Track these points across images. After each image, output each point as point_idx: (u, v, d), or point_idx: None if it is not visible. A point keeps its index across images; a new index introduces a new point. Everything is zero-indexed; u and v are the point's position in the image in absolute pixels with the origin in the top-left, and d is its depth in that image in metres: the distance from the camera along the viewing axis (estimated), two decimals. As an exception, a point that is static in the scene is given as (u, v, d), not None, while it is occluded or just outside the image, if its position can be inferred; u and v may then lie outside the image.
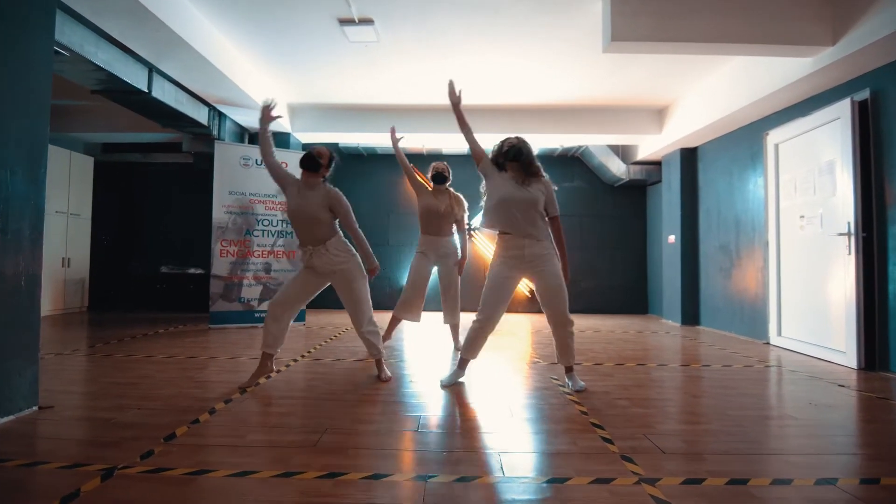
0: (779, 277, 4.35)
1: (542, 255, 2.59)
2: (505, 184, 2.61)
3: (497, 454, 1.78)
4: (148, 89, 4.00)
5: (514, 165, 2.64)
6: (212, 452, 1.78)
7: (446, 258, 3.74)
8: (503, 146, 2.70)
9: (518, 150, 2.64)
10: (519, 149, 2.64)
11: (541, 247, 2.60)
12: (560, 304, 2.60)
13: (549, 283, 2.59)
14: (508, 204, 2.57)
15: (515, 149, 2.64)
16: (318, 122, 5.92)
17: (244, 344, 4.05)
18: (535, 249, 2.58)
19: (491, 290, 2.62)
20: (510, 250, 2.60)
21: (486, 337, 2.69)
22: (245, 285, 5.07)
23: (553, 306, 2.60)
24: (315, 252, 2.63)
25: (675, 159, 5.98)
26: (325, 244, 2.63)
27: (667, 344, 4.43)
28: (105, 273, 6.90)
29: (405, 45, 4.24)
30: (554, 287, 2.59)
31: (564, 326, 2.63)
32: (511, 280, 2.64)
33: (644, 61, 4.46)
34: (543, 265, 2.59)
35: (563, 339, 2.67)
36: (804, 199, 4.03)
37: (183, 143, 5.40)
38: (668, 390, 2.82)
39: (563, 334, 2.65)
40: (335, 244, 2.67)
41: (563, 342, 2.68)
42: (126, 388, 2.64)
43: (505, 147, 2.68)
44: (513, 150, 2.64)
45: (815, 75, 3.58)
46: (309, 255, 2.64)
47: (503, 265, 2.62)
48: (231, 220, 5.03)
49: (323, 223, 2.63)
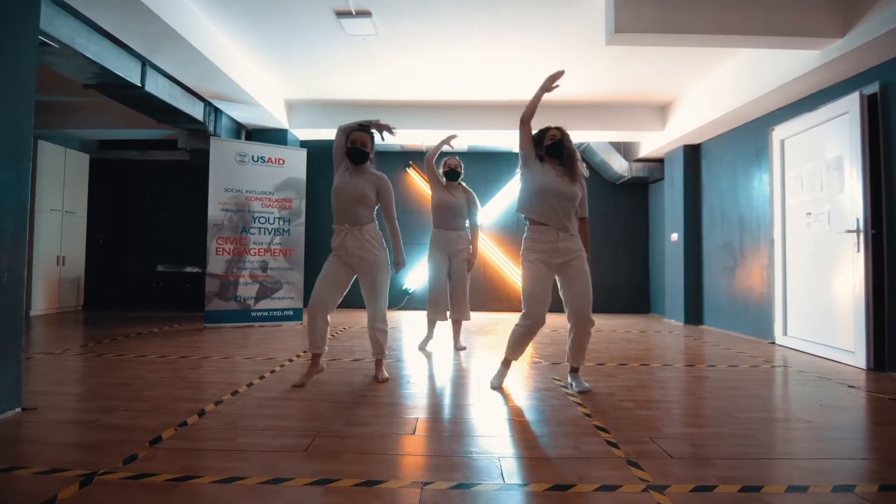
0: (784, 276, 4.26)
1: (575, 250, 2.54)
2: (546, 173, 2.56)
3: (496, 459, 1.70)
4: (141, 83, 3.92)
5: (553, 161, 2.60)
6: (198, 457, 1.70)
7: (458, 254, 3.75)
8: (544, 138, 2.64)
9: (560, 147, 2.59)
10: (561, 145, 2.59)
11: (574, 242, 2.55)
12: (586, 303, 2.50)
13: (578, 279, 2.51)
14: (547, 193, 2.50)
15: (557, 145, 2.59)
16: (316, 119, 5.84)
17: (238, 344, 3.97)
18: (568, 244, 2.52)
19: (533, 287, 2.50)
20: (544, 243, 2.51)
21: (533, 337, 2.58)
22: (241, 284, 5.00)
23: (579, 304, 2.49)
24: (350, 233, 2.64)
25: (678, 156, 5.89)
26: (361, 227, 2.66)
27: (670, 344, 4.35)
28: (101, 272, 6.82)
29: (404, 40, 4.16)
30: (583, 284, 2.51)
31: (586, 326, 2.51)
32: (550, 275, 2.53)
33: (646, 56, 4.37)
34: (575, 260, 2.52)
35: (580, 339, 2.55)
36: (811, 195, 3.94)
37: (178, 140, 5.31)
38: (674, 391, 2.74)
39: (582, 334, 2.53)
40: (371, 230, 2.70)
41: (580, 342, 2.56)
42: (114, 389, 2.57)
43: (547, 141, 2.63)
44: (555, 146, 2.60)
45: (822, 69, 3.50)
46: (343, 236, 2.65)
47: (539, 261, 2.51)
48: (227, 218, 4.95)
49: (366, 204, 2.68)
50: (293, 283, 5.23)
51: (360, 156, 2.70)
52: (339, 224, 2.69)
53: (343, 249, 2.67)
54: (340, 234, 2.68)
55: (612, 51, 4.29)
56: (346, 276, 2.72)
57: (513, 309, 6.96)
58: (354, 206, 2.66)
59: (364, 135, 2.74)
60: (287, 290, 5.20)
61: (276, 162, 5.19)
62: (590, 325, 2.52)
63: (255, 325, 5.01)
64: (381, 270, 2.71)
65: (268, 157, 5.14)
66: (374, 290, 2.72)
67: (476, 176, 7.06)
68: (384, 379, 2.78)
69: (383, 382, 2.75)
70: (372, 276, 2.70)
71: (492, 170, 7.10)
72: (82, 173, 6.52)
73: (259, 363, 3.23)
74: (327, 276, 2.68)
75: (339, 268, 2.69)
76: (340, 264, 2.69)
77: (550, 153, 2.61)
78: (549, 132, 2.66)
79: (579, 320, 2.51)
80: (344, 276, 2.71)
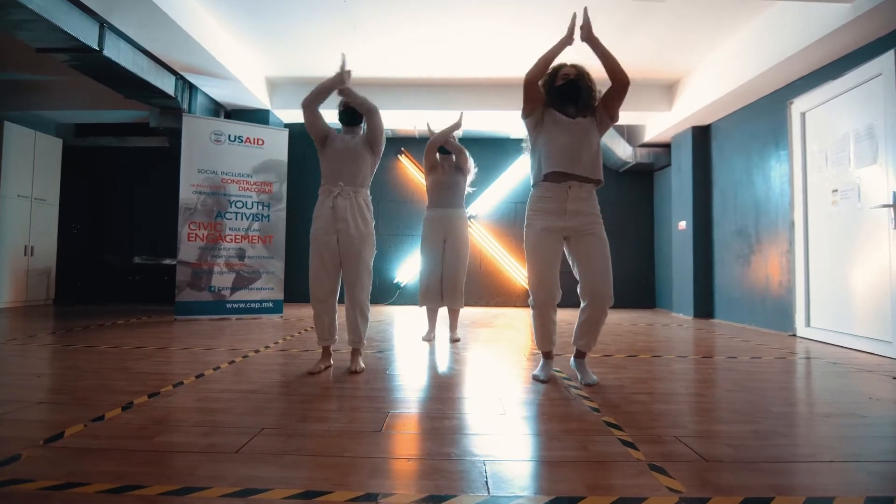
0: (807, 261, 3.89)
1: (589, 213, 2.15)
2: (559, 127, 2.15)
3: (481, 462, 1.32)
4: (99, 47, 3.55)
5: (567, 108, 2.19)
6: (96, 459, 1.32)
7: (455, 236, 3.35)
8: (555, 79, 2.20)
9: (576, 89, 2.16)
10: (576, 87, 2.16)
11: (589, 204, 2.16)
12: (605, 279, 2.10)
13: (594, 253, 2.13)
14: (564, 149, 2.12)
15: (572, 86, 2.16)
16: (299, 98, 5.41)
17: (206, 335, 3.59)
18: (580, 205, 2.12)
19: (537, 264, 2.14)
20: (551, 202, 2.13)
21: (552, 320, 2.19)
22: (216, 273, 4.62)
23: (595, 281, 2.10)
24: (343, 192, 2.39)
25: (685, 139, 5.52)
26: (356, 189, 2.42)
27: (681, 336, 3.97)
28: (74, 263, 6.43)
29: (389, 3, 3.79)
30: (601, 258, 2.13)
31: (604, 302, 2.10)
32: (557, 248, 2.16)
33: (652, 27, 4.01)
34: (589, 230, 2.14)
35: (595, 318, 2.14)
36: (837, 170, 3.57)
37: (150, 119, 4.94)
38: (694, 383, 2.35)
39: (599, 313, 2.12)
40: (364, 196, 2.47)
41: (594, 321, 2.14)
42: (41, 380, 2.20)
43: (559, 81, 2.18)
44: (569, 88, 2.16)
45: (851, 26, 3.12)
46: (335, 196, 2.38)
47: (544, 230, 2.14)
48: (200, 201, 4.58)
49: (364, 163, 2.46)
50: (273, 273, 4.85)
51: (353, 117, 2.52)
52: (331, 184, 2.40)
53: (331, 214, 2.36)
54: (331, 193, 2.39)
55: (616, 19, 3.94)
56: (335, 258, 2.42)
57: (511, 304, 6.58)
58: (350, 164, 2.42)
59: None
60: (266, 280, 4.82)
61: (255, 142, 4.82)
62: (608, 303, 2.13)
63: (232, 318, 4.63)
64: (367, 245, 2.42)
65: (246, 136, 4.77)
66: (357, 266, 2.39)
67: (471, 163, 6.70)
68: (359, 370, 2.40)
69: (357, 373, 2.37)
70: (357, 249, 2.37)
71: (488, 157, 6.72)
72: (54, 159, 6.15)
73: (219, 354, 2.85)
74: (320, 264, 2.38)
75: (327, 253, 2.38)
76: (327, 250, 2.37)
77: (563, 97, 2.16)
78: (561, 71, 2.20)
79: (595, 297, 2.11)
80: (333, 258, 2.41)
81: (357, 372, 2.37)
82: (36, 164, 5.85)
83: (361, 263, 2.39)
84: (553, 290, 2.14)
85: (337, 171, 2.41)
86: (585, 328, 2.19)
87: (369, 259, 2.44)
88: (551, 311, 2.18)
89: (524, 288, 6.54)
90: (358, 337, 2.43)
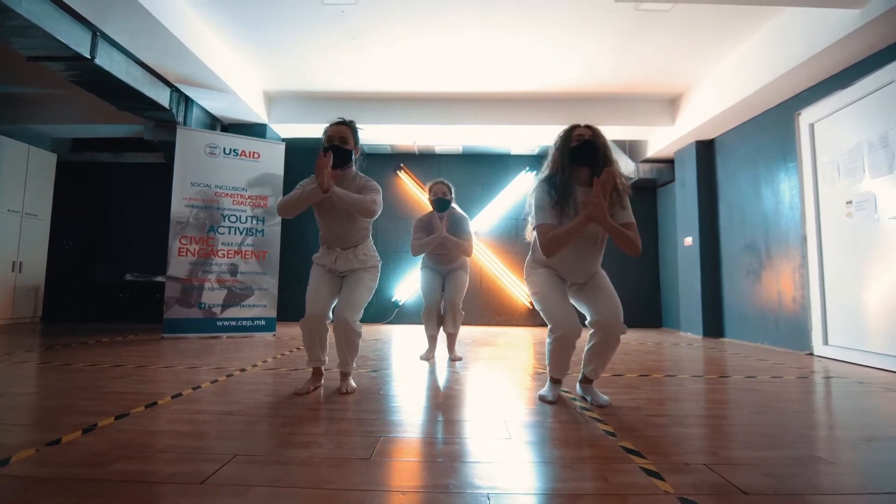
0: (822, 276, 3.73)
1: (593, 269, 2.09)
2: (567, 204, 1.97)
3: (485, 496, 1.14)
4: (91, 55, 3.48)
5: (582, 172, 1.99)
6: (39, 489, 1.13)
7: (454, 271, 3.26)
8: (570, 140, 1.99)
9: (591, 150, 1.95)
10: (593, 147, 1.95)
11: (593, 261, 2.09)
12: (616, 310, 1.97)
13: (601, 291, 2.03)
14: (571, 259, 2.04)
15: (587, 148, 1.95)
16: (298, 113, 5.41)
17: (192, 353, 3.40)
18: (586, 264, 2.06)
19: (549, 294, 2.03)
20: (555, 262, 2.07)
21: (569, 351, 2.03)
22: (206, 289, 4.45)
23: (607, 312, 1.96)
24: (342, 256, 2.24)
25: (689, 154, 5.44)
26: (354, 248, 2.24)
27: (693, 355, 3.78)
28: (64, 280, 6.26)
29: (388, 15, 3.74)
30: (609, 294, 2.02)
31: (616, 332, 1.97)
32: (562, 285, 2.10)
33: (654, 38, 3.95)
34: (592, 279, 2.10)
35: (605, 347, 1.99)
36: (851, 181, 3.45)
37: (145, 132, 4.86)
38: (715, 405, 2.17)
39: (612, 342, 1.98)
40: (365, 249, 2.28)
41: (603, 349, 1.99)
42: (5, 399, 2.01)
43: (573, 142, 1.98)
44: (584, 149, 1.95)
45: (860, 33, 3.05)
46: (334, 259, 2.24)
47: (547, 271, 2.09)
48: (192, 215, 4.44)
49: (358, 222, 2.21)
50: (266, 290, 4.68)
51: (340, 155, 2.10)
52: (328, 246, 2.27)
53: (334, 270, 2.28)
54: (330, 256, 2.26)
55: (618, 28, 3.88)
56: (339, 280, 2.29)
57: (513, 323, 6.38)
58: (344, 227, 2.21)
59: (343, 127, 2.17)
60: (259, 297, 4.64)
61: (251, 156, 4.72)
62: (620, 332, 1.98)
63: (223, 337, 4.44)
64: (368, 279, 2.27)
65: (241, 149, 4.67)
66: (357, 289, 2.21)
67: (471, 179, 6.62)
68: (349, 391, 2.21)
69: (348, 394, 2.18)
70: (357, 282, 2.24)
71: (488, 173, 6.65)
72: (47, 173, 6.05)
73: (203, 373, 2.66)
74: (320, 284, 2.21)
75: (331, 276, 2.27)
76: (333, 274, 2.28)
77: (578, 159, 1.97)
78: (575, 131, 2.02)
79: (606, 327, 1.96)
80: (337, 281, 2.28)
81: (347, 393, 2.19)
82: (28, 178, 5.74)
83: (362, 286, 2.23)
84: (575, 322, 1.99)
85: (331, 236, 2.24)
86: (595, 353, 2.03)
87: (370, 281, 2.27)
88: (574, 342, 2.02)
89: (526, 307, 6.35)
90: (345, 360, 2.23)
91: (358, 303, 2.19)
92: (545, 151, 6.58)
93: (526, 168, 6.57)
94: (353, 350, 2.21)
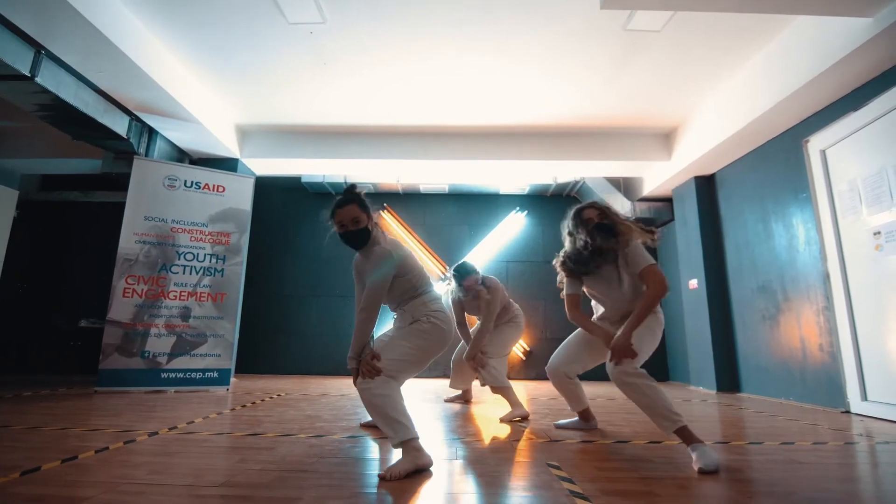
0: (852, 318, 3.24)
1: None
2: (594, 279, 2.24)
3: None
4: (31, 73, 3.18)
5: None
6: None
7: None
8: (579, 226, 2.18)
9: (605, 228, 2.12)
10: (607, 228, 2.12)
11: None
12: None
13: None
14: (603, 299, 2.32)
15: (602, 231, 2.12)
16: (272, 147, 5.11)
17: (112, 411, 2.83)
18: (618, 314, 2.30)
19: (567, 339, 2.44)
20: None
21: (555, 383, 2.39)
22: (152, 335, 3.93)
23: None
24: (400, 316, 1.97)
25: (688, 191, 5.10)
26: (403, 311, 1.94)
27: (709, 414, 3.20)
28: (13, 327, 5.73)
29: (359, 37, 3.51)
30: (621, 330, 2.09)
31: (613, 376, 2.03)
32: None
33: (645, 64, 3.71)
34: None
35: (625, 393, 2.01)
36: (876, 208, 3.05)
37: (103, 164, 4.53)
38: (756, 486, 1.61)
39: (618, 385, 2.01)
40: (417, 305, 1.89)
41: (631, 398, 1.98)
42: None
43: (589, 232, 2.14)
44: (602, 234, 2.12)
45: (872, 44, 2.75)
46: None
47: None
48: (143, 252, 4.02)
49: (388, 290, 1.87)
50: (221, 336, 4.15)
51: (355, 238, 1.86)
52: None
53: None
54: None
55: (608, 52, 3.64)
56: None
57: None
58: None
59: (350, 207, 1.84)
60: (212, 346, 4.10)
61: (215, 189, 4.36)
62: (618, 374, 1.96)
63: (170, 391, 3.86)
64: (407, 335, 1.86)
65: (204, 182, 4.32)
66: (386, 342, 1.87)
67: (459, 220, 6.27)
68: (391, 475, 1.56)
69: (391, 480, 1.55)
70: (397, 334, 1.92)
71: (476, 213, 6.30)
72: (6, 211, 5.67)
73: (97, 438, 2.11)
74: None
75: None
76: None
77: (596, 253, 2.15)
78: (583, 214, 2.18)
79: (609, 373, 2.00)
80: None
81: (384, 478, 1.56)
82: (-18, 216, 5.36)
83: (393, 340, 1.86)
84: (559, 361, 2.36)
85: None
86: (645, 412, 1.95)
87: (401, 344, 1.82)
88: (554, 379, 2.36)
89: (519, 357, 5.77)
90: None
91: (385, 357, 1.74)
92: (535, 191, 6.13)
93: (516, 208, 6.23)
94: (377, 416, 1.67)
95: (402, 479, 1.54)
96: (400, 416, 1.64)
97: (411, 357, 1.79)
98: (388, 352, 1.76)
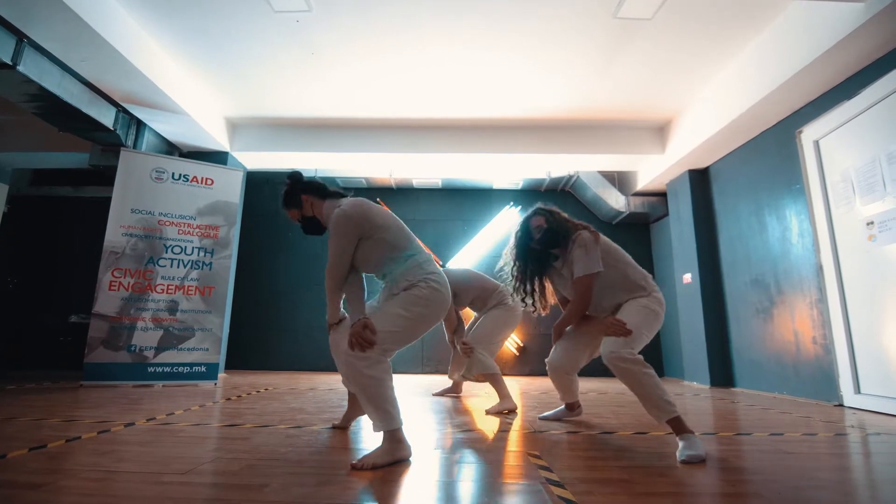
0: (845, 310, 3.20)
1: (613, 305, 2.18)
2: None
3: None
4: (13, 62, 3.14)
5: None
6: None
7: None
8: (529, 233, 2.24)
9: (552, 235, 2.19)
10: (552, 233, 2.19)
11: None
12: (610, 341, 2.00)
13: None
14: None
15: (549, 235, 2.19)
16: (262, 141, 5.08)
17: (94, 403, 2.79)
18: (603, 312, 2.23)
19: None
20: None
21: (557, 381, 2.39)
22: (139, 329, 3.88)
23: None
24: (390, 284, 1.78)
25: (682, 184, 5.06)
26: (392, 274, 1.75)
27: (701, 407, 3.16)
28: (5, 323, 5.68)
29: (348, 28, 3.47)
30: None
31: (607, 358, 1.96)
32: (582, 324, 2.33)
33: (637, 54, 3.67)
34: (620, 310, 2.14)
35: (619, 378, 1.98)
36: (869, 198, 3.01)
37: (90, 157, 4.48)
38: (741, 474, 1.57)
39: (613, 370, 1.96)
40: (407, 272, 1.72)
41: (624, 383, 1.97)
42: None
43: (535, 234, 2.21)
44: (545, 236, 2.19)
45: (864, 29, 2.72)
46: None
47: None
48: (130, 245, 3.97)
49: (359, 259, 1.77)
50: (209, 331, 4.11)
51: (307, 229, 1.94)
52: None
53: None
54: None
55: (598, 42, 3.60)
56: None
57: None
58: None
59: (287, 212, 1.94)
60: (200, 339, 4.06)
61: (204, 182, 4.31)
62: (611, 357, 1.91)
63: (157, 385, 3.82)
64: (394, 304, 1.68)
65: (192, 175, 4.28)
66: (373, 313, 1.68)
67: (452, 215, 6.22)
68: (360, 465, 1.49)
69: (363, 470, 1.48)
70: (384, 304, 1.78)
71: (469, 208, 6.25)
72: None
73: (74, 428, 2.07)
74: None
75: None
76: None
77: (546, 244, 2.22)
78: (531, 223, 2.24)
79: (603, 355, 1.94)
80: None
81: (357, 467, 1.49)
82: (-29, 211, 5.32)
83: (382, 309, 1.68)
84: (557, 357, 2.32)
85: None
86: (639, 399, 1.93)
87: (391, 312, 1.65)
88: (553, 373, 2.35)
89: (513, 353, 5.73)
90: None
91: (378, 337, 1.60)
92: (529, 186, 6.09)
93: (510, 203, 6.18)
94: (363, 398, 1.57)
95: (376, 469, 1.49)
96: (386, 404, 1.56)
97: (408, 327, 1.64)
98: (381, 322, 1.60)
